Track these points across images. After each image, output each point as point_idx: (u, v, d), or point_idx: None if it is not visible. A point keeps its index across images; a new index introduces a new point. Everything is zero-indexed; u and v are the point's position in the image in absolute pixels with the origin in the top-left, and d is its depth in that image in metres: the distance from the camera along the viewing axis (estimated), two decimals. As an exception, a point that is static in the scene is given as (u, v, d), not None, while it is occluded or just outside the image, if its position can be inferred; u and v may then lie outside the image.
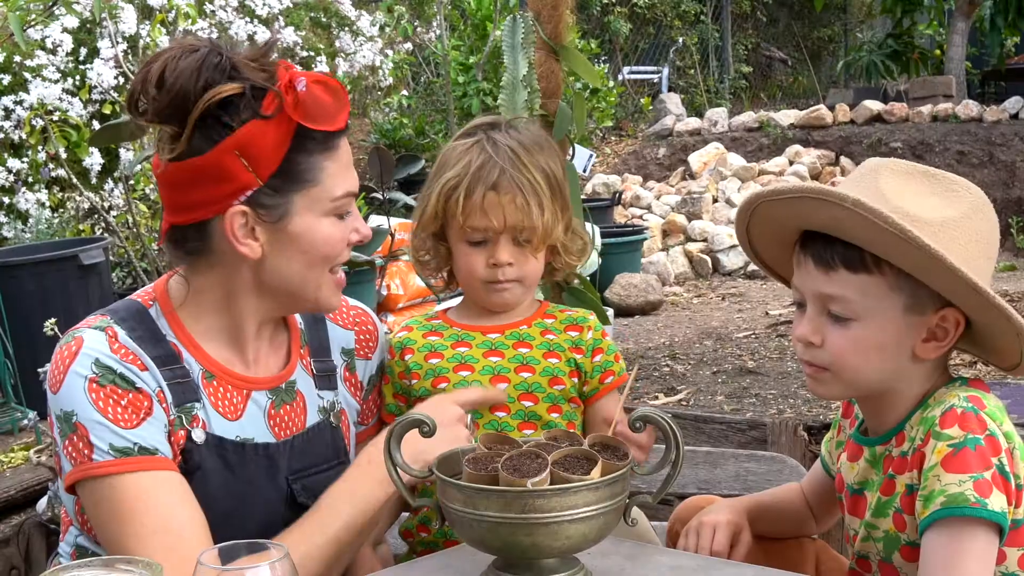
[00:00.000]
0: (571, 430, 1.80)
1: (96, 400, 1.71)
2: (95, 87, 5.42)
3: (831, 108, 11.51)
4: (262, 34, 5.71)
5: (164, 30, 5.47)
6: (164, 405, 1.77)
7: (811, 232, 1.75)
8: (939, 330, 1.73)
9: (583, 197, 6.74)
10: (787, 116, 11.58)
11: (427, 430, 1.61)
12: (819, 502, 2.07)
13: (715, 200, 10.17)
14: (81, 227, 6.12)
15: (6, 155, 5.70)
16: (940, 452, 1.64)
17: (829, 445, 2.02)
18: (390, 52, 8.20)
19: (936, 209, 1.70)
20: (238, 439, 1.84)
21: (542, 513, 1.48)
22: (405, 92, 10.42)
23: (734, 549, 1.96)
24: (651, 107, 13.10)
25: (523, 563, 1.56)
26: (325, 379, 2.02)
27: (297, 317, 2.03)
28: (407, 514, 2.16)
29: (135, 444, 1.71)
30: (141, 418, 1.73)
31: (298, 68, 1.81)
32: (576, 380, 2.08)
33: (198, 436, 1.79)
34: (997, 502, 1.60)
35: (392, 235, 4.32)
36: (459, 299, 2.24)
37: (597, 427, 2.07)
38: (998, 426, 1.67)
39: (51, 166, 5.62)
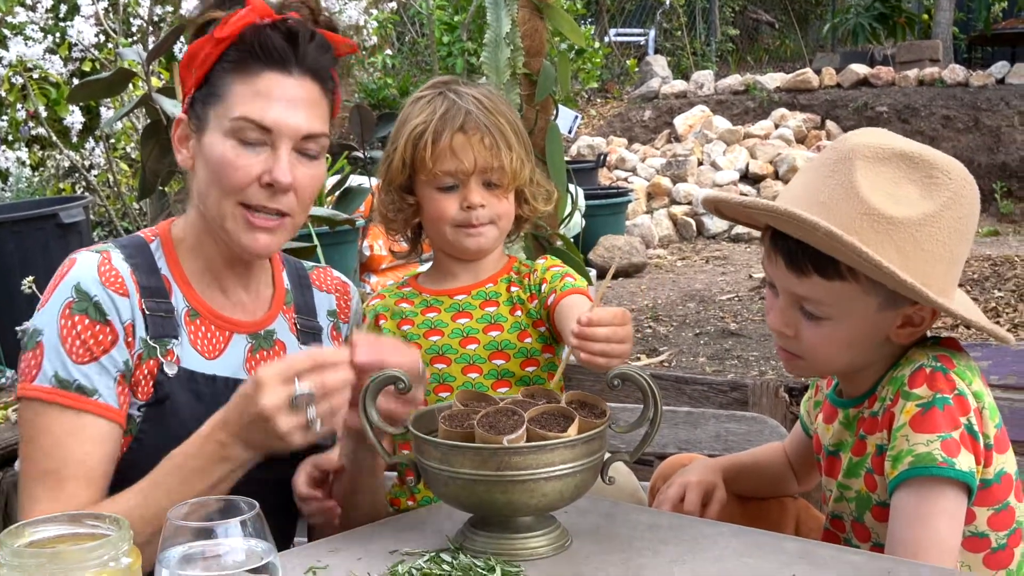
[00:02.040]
0: (548, 388, 1.78)
1: (62, 328, 1.77)
2: (75, 44, 5.36)
3: (817, 72, 11.49)
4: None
5: (145, -13, 5.41)
6: (130, 340, 1.80)
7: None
8: (915, 316, 1.72)
9: (567, 159, 6.73)
10: (773, 79, 11.56)
11: (403, 387, 1.60)
12: (801, 462, 2.07)
13: (700, 163, 10.15)
14: (61, 186, 6.08)
15: (-15, 113, 5.65)
16: (908, 412, 1.64)
17: (807, 405, 2.02)
18: (375, 11, 8.13)
19: (914, 203, 1.65)
20: (211, 374, 1.87)
21: (518, 470, 1.47)
22: (389, 52, 10.35)
23: (707, 508, 1.96)
24: (637, 69, 13.06)
25: (499, 521, 1.56)
26: (309, 335, 2.04)
27: (284, 279, 2.05)
28: (393, 481, 2.15)
29: (75, 380, 1.75)
30: (95, 356, 1.77)
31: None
32: (542, 328, 2.07)
33: (170, 369, 1.83)
34: (965, 462, 1.60)
35: (373, 194, 4.30)
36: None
37: (564, 336, 1.94)
38: (967, 385, 1.66)
39: (31, 124, 5.57)
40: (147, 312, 1.82)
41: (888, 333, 1.72)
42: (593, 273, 6.04)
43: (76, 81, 5.37)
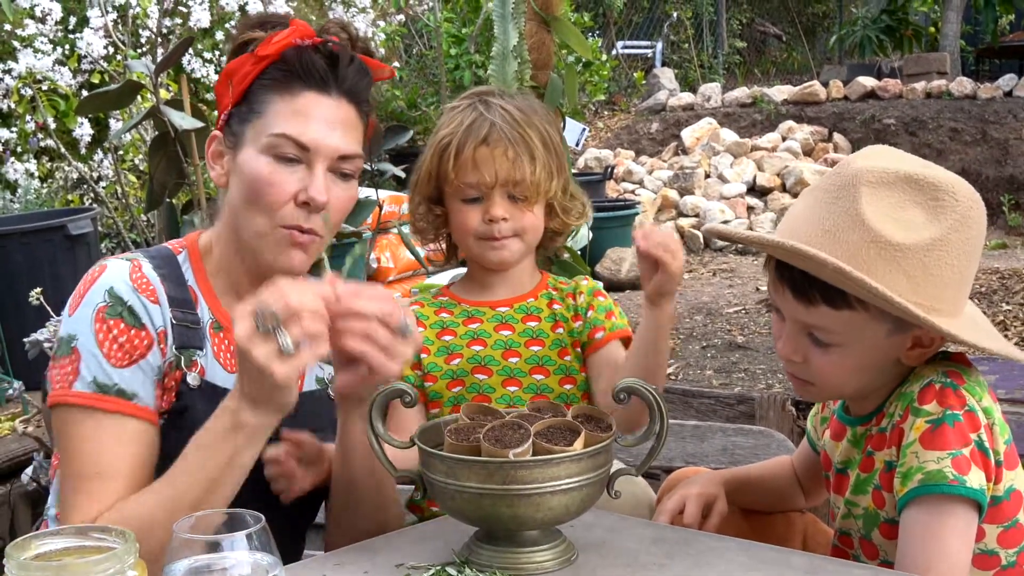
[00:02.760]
0: (555, 402, 1.79)
1: (98, 331, 1.76)
2: (84, 56, 5.37)
3: (825, 84, 11.49)
4: (253, 4, 5.66)
5: (154, 0, 5.42)
6: (163, 347, 1.81)
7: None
8: (924, 338, 1.70)
9: (575, 171, 6.74)
10: (780, 92, 11.56)
11: (409, 400, 1.60)
12: (808, 476, 2.07)
13: (707, 175, 10.15)
14: (70, 197, 6.10)
15: (-6, 124, 5.67)
16: (918, 428, 1.62)
17: (814, 420, 2.01)
18: (382, 23, 8.15)
19: (921, 227, 1.63)
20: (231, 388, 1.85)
21: (524, 484, 1.47)
22: (397, 64, 10.37)
23: (707, 520, 1.95)
24: (644, 81, 13.07)
25: (505, 534, 1.55)
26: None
27: None
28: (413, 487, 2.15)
29: (115, 384, 1.75)
30: (133, 359, 1.77)
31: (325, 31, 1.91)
32: (579, 349, 2.09)
33: (193, 380, 1.83)
34: (976, 479, 1.59)
35: (380, 206, 4.29)
36: (447, 273, 2.24)
37: (594, 382, 2.08)
38: (977, 401, 1.65)
39: (40, 136, 5.59)
40: (175, 322, 1.83)
41: (899, 355, 1.71)
42: (600, 286, 6.04)
43: (85, 93, 5.38)
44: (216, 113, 1.97)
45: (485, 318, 2.10)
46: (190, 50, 5.35)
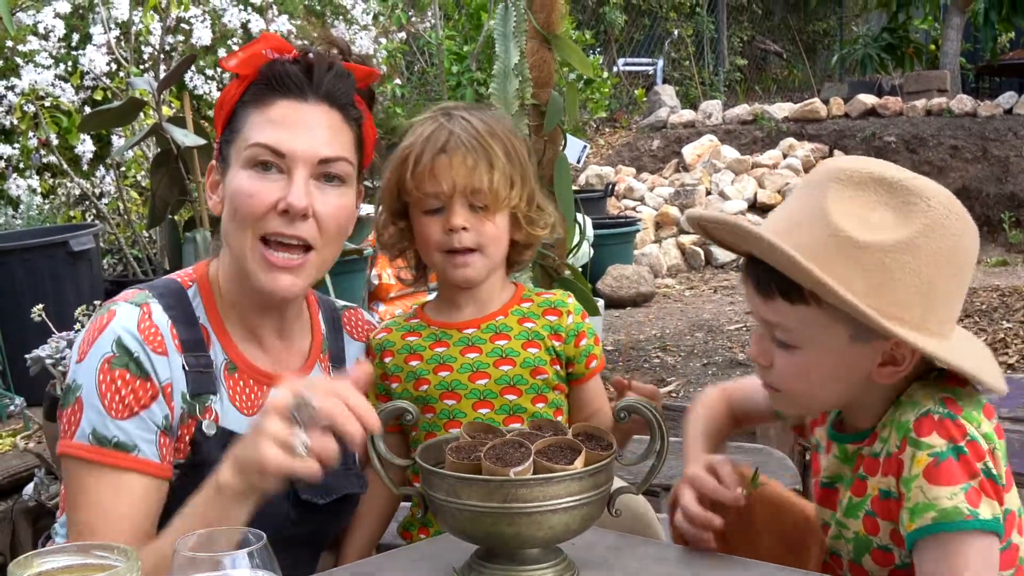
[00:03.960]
0: (556, 419, 1.78)
1: (101, 383, 1.72)
2: (87, 73, 5.39)
3: (825, 101, 11.52)
4: (256, 22, 5.68)
5: (157, 16, 5.44)
6: (170, 399, 1.76)
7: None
8: (896, 355, 1.62)
9: (576, 188, 6.73)
10: (781, 109, 11.59)
11: (410, 419, 1.60)
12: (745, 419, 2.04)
13: (708, 192, 10.16)
14: (72, 213, 6.10)
15: (-3, 141, 5.67)
16: (920, 462, 1.56)
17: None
18: (384, 41, 8.17)
19: (887, 229, 1.55)
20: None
21: (525, 503, 1.47)
22: (398, 81, 10.40)
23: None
24: (645, 99, 13.10)
25: (505, 553, 1.55)
26: None
27: (321, 323, 2.02)
28: (406, 514, 2.14)
29: (113, 437, 1.72)
30: (135, 411, 1.73)
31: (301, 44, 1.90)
32: (558, 367, 2.06)
33: (208, 428, 1.79)
34: (987, 510, 1.54)
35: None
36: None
37: (584, 412, 2.07)
38: (976, 428, 1.59)
39: (42, 152, 5.60)
40: (187, 369, 1.78)
41: (869, 371, 1.63)
42: (601, 303, 6.04)
43: (88, 110, 5.40)
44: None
45: (452, 341, 2.05)
46: (192, 67, 5.36)
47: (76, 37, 5.60)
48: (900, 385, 1.67)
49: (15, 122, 5.49)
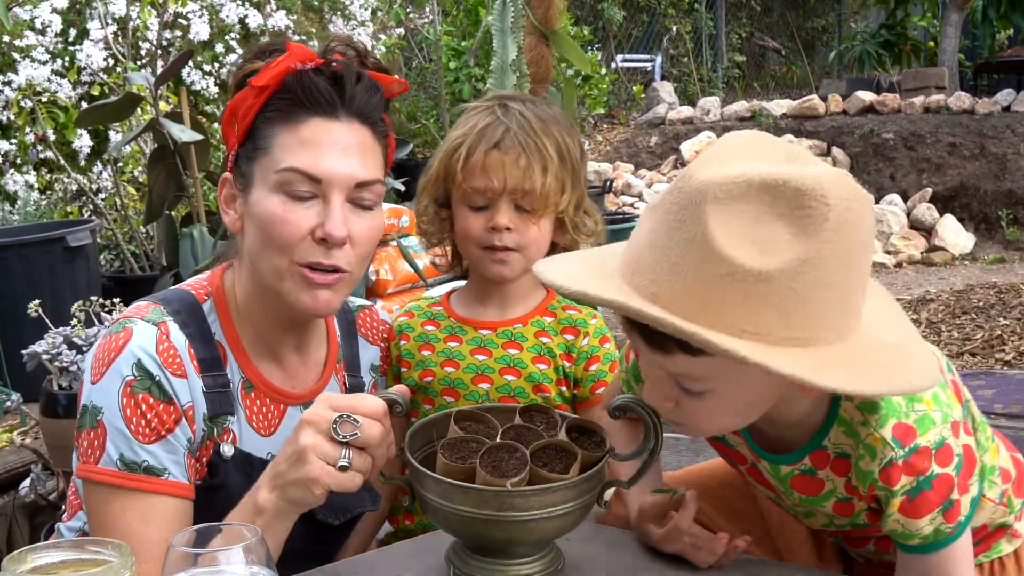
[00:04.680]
0: (545, 406, 1.70)
1: (125, 407, 1.67)
2: (84, 68, 5.39)
3: (824, 98, 11.51)
4: (253, 17, 5.67)
5: (154, 12, 5.43)
6: (192, 421, 1.72)
7: None
8: None
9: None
10: (780, 106, 11.59)
11: (399, 410, 1.56)
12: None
13: (706, 189, 10.15)
14: (69, 209, 6.10)
15: (-6, 136, 5.67)
16: (895, 504, 1.48)
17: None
18: (382, 36, 8.16)
19: (785, 246, 1.29)
20: (269, 456, 1.75)
21: (519, 511, 1.44)
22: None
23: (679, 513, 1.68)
24: (643, 95, 13.10)
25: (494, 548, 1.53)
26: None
27: (337, 331, 1.97)
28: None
29: (143, 462, 1.68)
30: (161, 435, 1.69)
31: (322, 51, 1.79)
32: (564, 388, 2.02)
33: (227, 451, 1.75)
34: (965, 505, 1.49)
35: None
36: (445, 287, 2.20)
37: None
38: (936, 433, 1.47)
39: (39, 147, 5.60)
40: (205, 390, 1.73)
41: (787, 391, 1.46)
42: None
43: (85, 105, 5.40)
44: (216, 126, 1.93)
45: (465, 338, 2.03)
46: (190, 62, 5.36)
47: (73, 32, 5.60)
48: (822, 403, 1.55)
49: (12, 117, 5.49)
